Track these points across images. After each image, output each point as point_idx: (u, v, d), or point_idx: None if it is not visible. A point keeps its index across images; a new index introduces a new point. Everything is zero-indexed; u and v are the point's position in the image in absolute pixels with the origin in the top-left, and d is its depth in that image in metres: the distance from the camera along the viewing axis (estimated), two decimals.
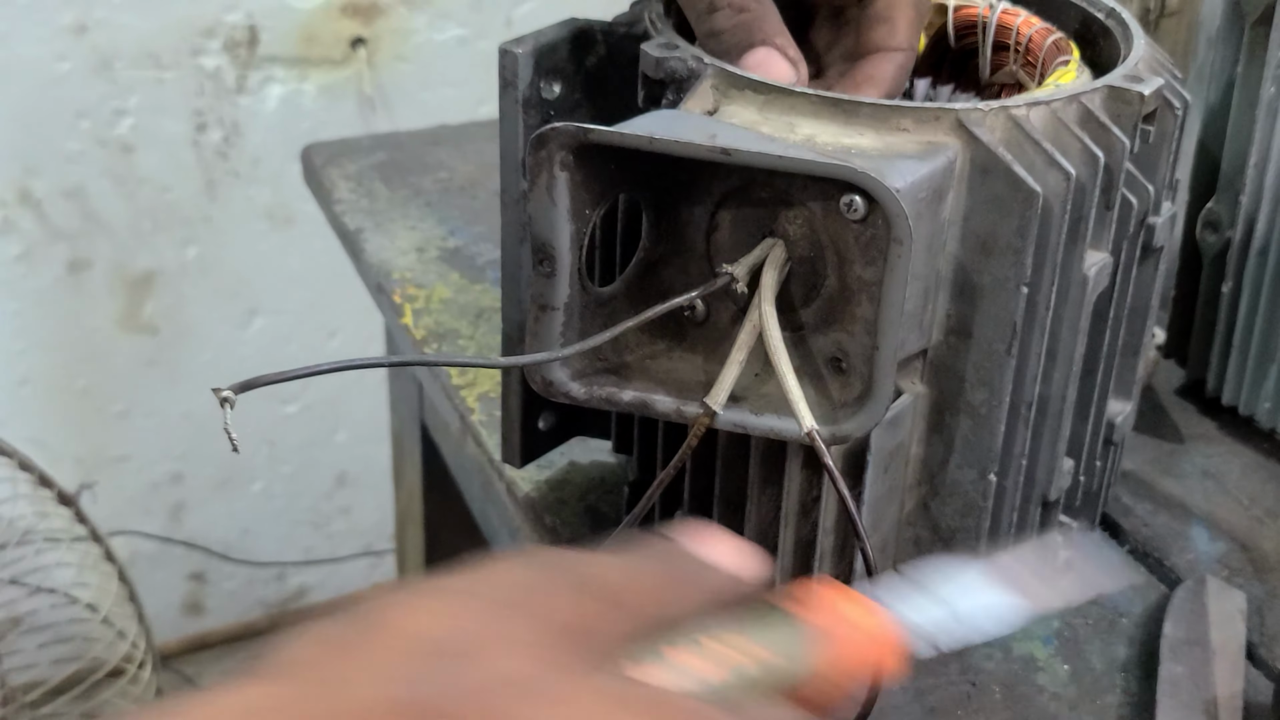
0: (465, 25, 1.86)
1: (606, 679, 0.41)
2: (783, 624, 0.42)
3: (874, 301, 0.63)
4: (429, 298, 1.02)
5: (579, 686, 0.40)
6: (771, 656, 0.41)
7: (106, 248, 1.78)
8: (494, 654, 0.40)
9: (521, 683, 0.40)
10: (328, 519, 2.09)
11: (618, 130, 0.61)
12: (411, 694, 0.39)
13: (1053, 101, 0.66)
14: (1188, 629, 0.75)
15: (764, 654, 0.41)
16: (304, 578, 2.12)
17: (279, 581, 2.10)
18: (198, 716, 0.38)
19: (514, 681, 0.40)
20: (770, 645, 0.42)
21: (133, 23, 1.70)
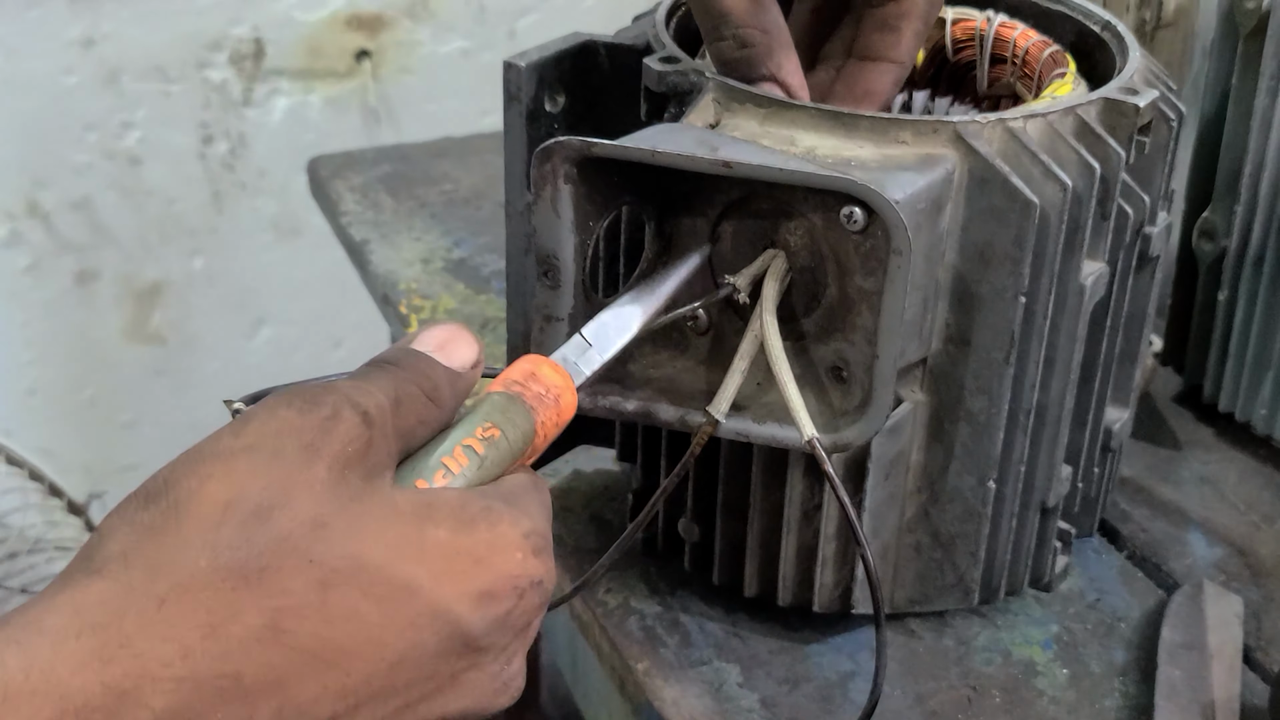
0: (469, 37, 1.87)
1: (387, 496, 0.47)
2: (510, 405, 0.53)
3: (874, 311, 0.63)
4: (435, 308, 1.03)
5: (368, 510, 0.47)
6: (507, 434, 0.52)
7: (114, 259, 1.79)
8: (292, 503, 0.45)
9: (320, 522, 0.45)
10: None
11: (621, 144, 0.61)
12: (229, 560, 0.44)
13: (1049, 113, 0.67)
14: (1185, 633, 0.75)
15: (501, 434, 0.52)
16: None
17: None
18: (39, 627, 0.42)
19: (314, 523, 0.45)
20: (505, 425, 0.52)
21: (140, 36, 1.71)
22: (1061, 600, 0.79)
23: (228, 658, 0.43)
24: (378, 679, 0.46)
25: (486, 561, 0.48)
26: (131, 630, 0.43)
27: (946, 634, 0.77)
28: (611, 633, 0.76)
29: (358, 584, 0.45)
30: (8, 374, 1.78)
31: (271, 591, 0.44)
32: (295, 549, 0.45)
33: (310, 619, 0.44)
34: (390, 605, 0.46)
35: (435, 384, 0.52)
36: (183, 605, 0.43)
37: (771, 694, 0.73)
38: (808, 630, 0.76)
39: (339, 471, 0.47)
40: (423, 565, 0.46)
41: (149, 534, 0.45)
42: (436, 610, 0.46)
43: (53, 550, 1.36)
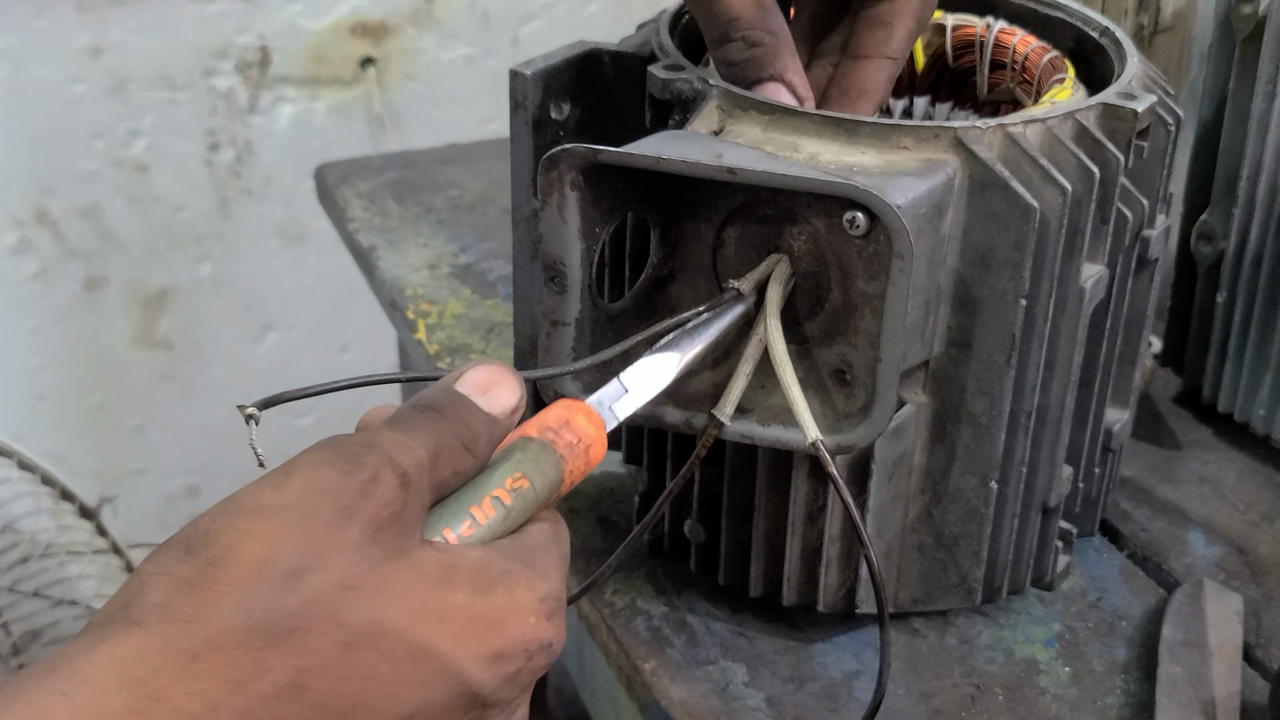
0: (473, 44, 1.87)
1: (415, 559, 0.48)
2: (541, 454, 0.53)
3: (877, 314, 0.64)
4: (442, 313, 1.03)
5: (395, 573, 0.48)
6: (535, 484, 0.52)
7: (122, 265, 1.79)
8: (324, 565, 0.46)
9: (350, 585, 0.47)
10: None
11: (626, 150, 0.62)
12: (261, 619, 0.45)
13: (1048, 119, 0.67)
14: (1186, 631, 0.76)
15: (529, 485, 0.52)
16: None
17: None
18: (82, 678, 0.43)
19: (344, 585, 0.47)
20: (534, 475, 0.52)
21: (146, 45, 1.71)
22: (1063, 599, 0.80)
23: (250, 713, 0.45)
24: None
25: (501, 627, 0.49)
26: (166, 684, 0.44)
27: (950, 633, 0.77)
28: (619, 633, 0.76)
29: (379, 647, 0.47)
30: (18, 380, 1.79)
31: (298, 651, 0.46)
32: (324, 611, 0.46)
33: (331, 678, 0.46)
34: (407, 667, 0.47)
35: (474, 434, 0.52)
36: (214, 662, 0.45)
37: (777, 693, 0.73)
38: (813, 630, 0.77)
39: (372, 534, 0.48)
40: (441, 629, 0.48)
41: (186, 588, 0.46)
42: (450, 671, 0.48)
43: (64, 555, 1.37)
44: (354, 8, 1.80)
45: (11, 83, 1.65)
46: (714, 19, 0.69)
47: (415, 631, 0.47)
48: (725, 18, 0.68)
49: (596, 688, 0.89)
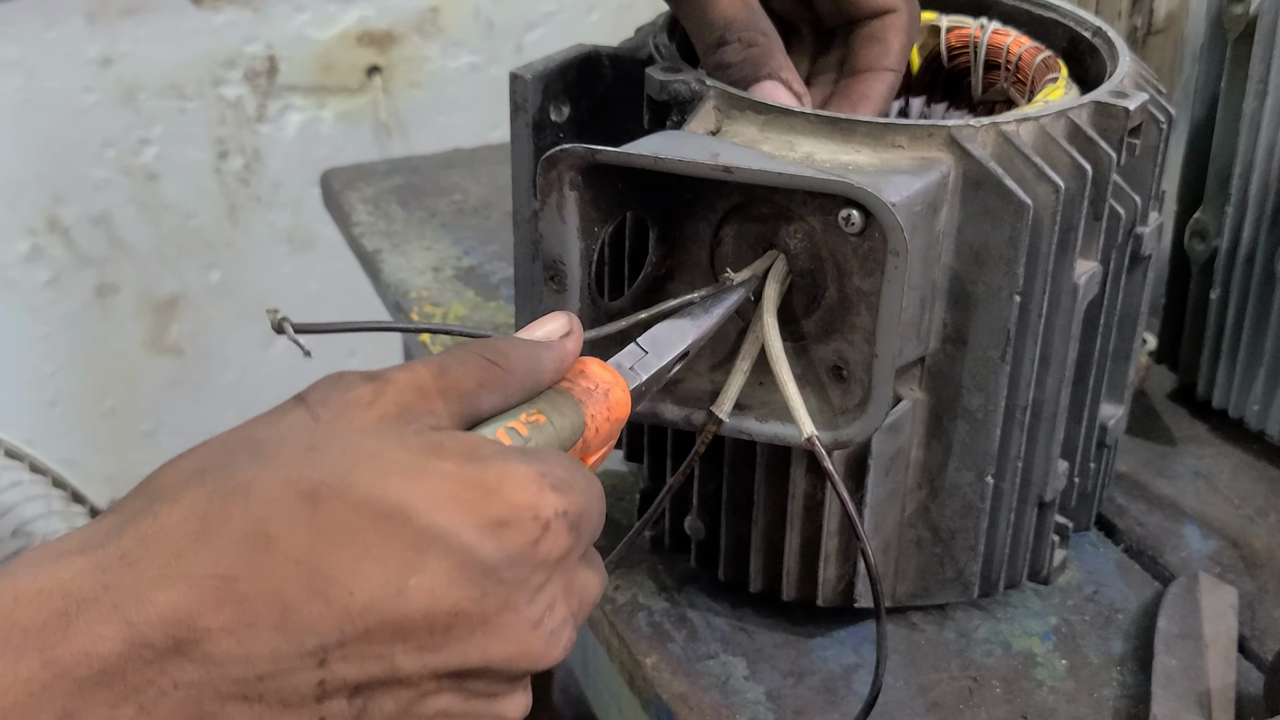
0: (477, 52, 1.87)
1: (400, 432, 0.48)
2: (555, 395, 0.53)
3: (872, 311, 0.64)
4: (445, 315, 1.03)
5: (368, 440, 0.47)
6: (553, 421, 0.52)
7: (133, 272, 1.80)
8: (288, 436, 0.47)
9: (313, 446, 0.46)
10: None
11: (624, 151, 0.62)
12: (216, 477, 0.45)
13: (1042, 117, 0.67)
14: (1181, 624, 0.76)
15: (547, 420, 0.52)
16: None
17: None
18: (49, 549, 0.44)
19: (307, 447, 0.46)
20: (550, 413, 0.52)
21: (156, 55, 1.71)
22: (1060, 593, 0.80)
23: (218, 560, 0.43)
24: (387, 606, 0.45)
25: (498, 492, 0.46)
26: (129, 544, 0.44)
27: (947, 626, 0.77)
28: (620, 628, 0.76)
29: (347, 501, 0.45)
30: (30, 386, 1.79)
31: (258, 501, 0.44)
32: (283, 465, 0.46)
33: (300, 530, 0.44)
34: (385, 526, 0.45)
35: (499, 350, 0.52)
36: (173, 517, 0.44)
37: (777, 686, 0.73)
38: (812, 624, 0.76)
39: (363, 426, 0.48)
40: (418, 488, 0.45)
41: (156, 472, 0.47)
42: (437, 536, 0.45)
43: None
44: (360, 17, 1.80)
45: (23, 92, 1.65)
46: (709, 24, 0.69)
47: (385, 488, 0.45)
48: (720, 22, 0.69)
49: (600, 683, 0.89)
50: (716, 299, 0.63)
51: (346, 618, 0.44)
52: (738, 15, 0.69)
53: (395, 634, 0.45)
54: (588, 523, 0.49)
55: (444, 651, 0.46)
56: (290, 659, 0.44)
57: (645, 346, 0.59)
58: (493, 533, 0.46)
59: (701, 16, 0.69)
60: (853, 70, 0.72)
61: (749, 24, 0.69)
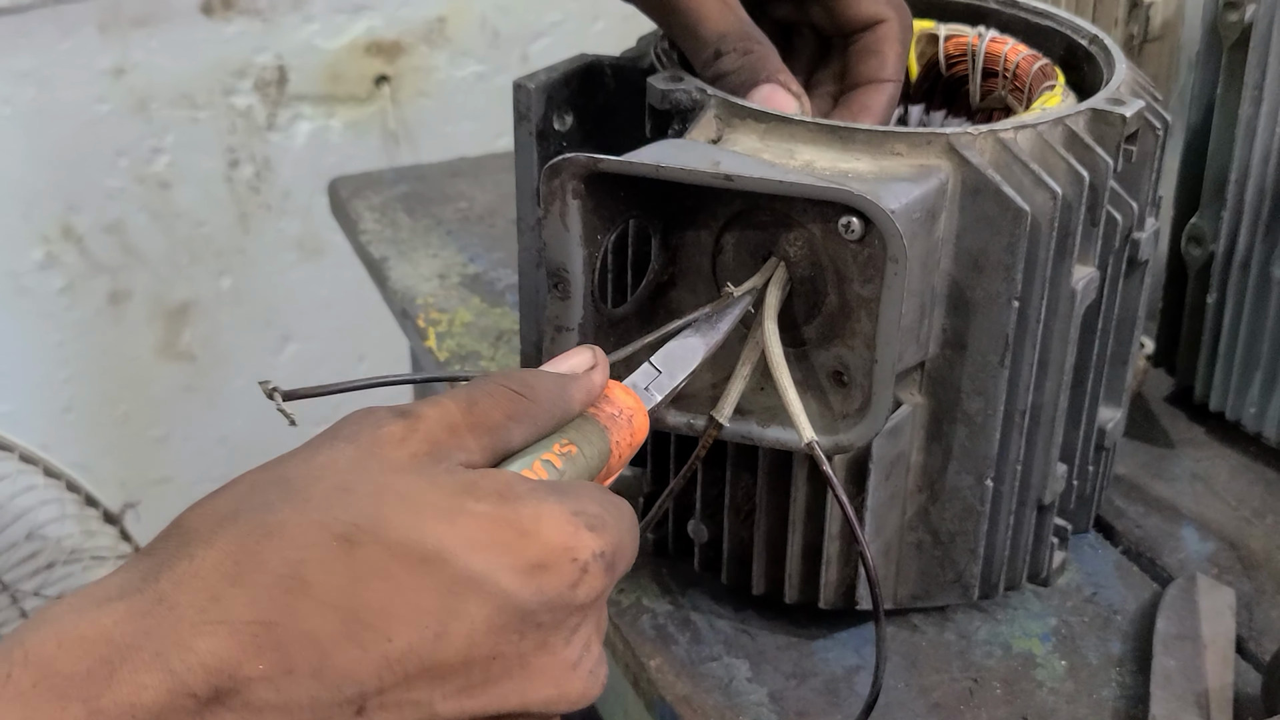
0: (483, 62, 1.87)
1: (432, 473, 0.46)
2: (584, 424, 0.53)
3: (872, 317, 0.63)
4: (451, 321, 1.03)
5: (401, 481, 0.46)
6: (584, 451, 0.52)
7: (145, 280, 1.79)
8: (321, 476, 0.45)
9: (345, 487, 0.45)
10: None
11: (626, 159, 0.62)
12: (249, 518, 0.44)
13: (1039, 124, 0.67)
14: (1180, 625, 0.75)
15: (579, 451, 0.52)
16: None
17: None
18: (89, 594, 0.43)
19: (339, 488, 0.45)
20: (581, 443, 0.52)
21: (168, 65, 1.71)
22: (1059, 594, 0.79)
23: (255, 605, 0.42)
24: (425, 651, 0.43)
25: (534, 534, 0.45)
26: (166, 588, 0.43)
27: (948, 628, 0.77)
28: (625, 631, 0.76)
29: (382, 544, 0.44)
30: (45, 392, 1.79)
31: (292, 543, 0.43)
32: (315, 507, 0.44)
33: (335, 574, 0.43)
34: (421, 569, 0.44)
35: (526, 382, 0.51)
36: (208, 560, 0.43)
37: (779, 688, 0.73)
38: (814, 627, 0.76)
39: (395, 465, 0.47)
40: (454, 532, 0.44)
41: (187, 513, 0.46)
42: (475, 580, 0.44)
43: (89, 559, 1.37)
44: (368, 27, 1.80)
45: (38, 102, 1.65)
46: (703, 39, 0.70)
47: (421, 530, 0.44)
48: (714, 36, 0.69)
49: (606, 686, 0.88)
50: (721, 312, 0.63)
51: (385, 664, 0.43)
52: (730, 27, 0.69)
53: (433, 680, 0.44)
54: (622, 558, 0.48)
55: (482, 697, 0.45)
56: (328, 707, 0.43)
57: (659, 366, 0.60)
58: (531, 577, 0.45)
59: (695, 33, 0.70)
60: (852, 83, 0.72)
61: (742, 34, 0.69)
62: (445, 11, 1.83)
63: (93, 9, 1.66)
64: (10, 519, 1.33)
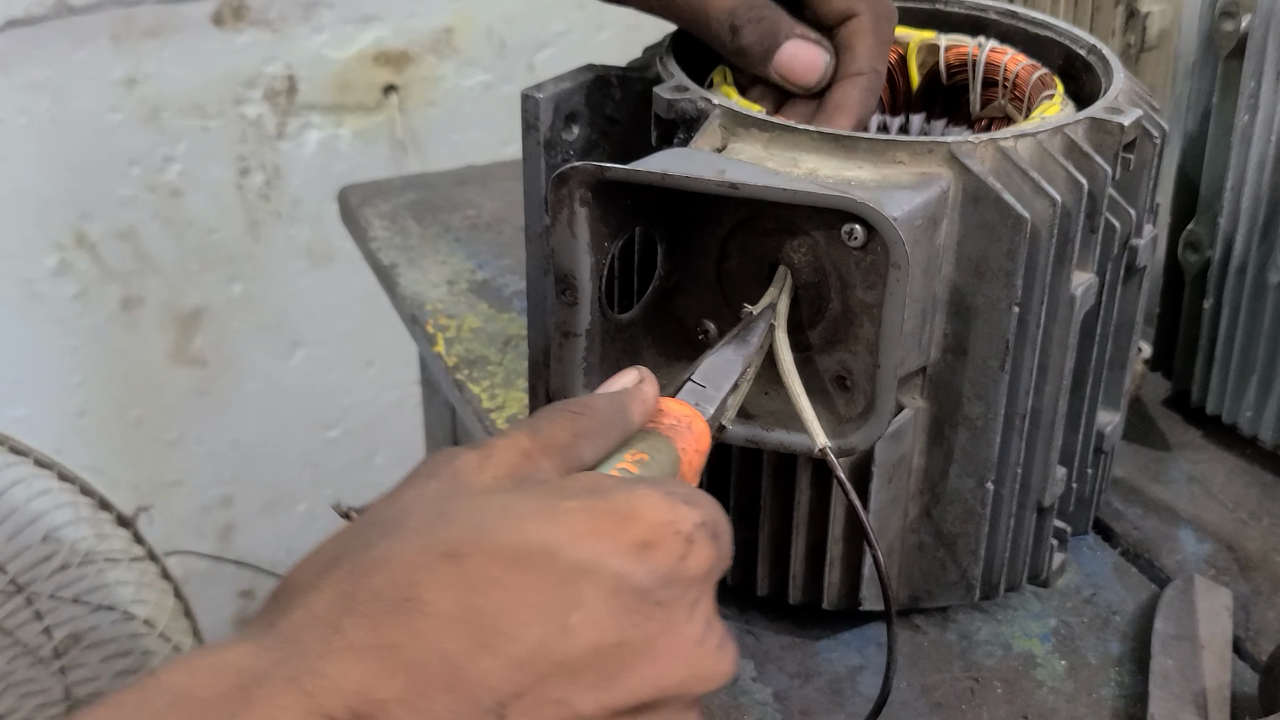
0: (490, 71, 1.87)
1: (521, 487, 0.47)
2: (649, 436, 0.54)
3: (875, 323, 0.63)
4: (460, 327, 1.03)
5: (496, 497, 0.46)
6: (656, 459, 0.53)
7: (157, 286, 1.80)
8: (415, 509, 0.46)
9: (440, 512, 0.45)
10: None
11: (633, 168, 0.62)
12: (355, 556, 0.44)
13: (1038, 133, 0.67)
14: (1177, 625, 0.75)
15: (651, 459, 0.53)
16: None
17: None
18: (215, 646, 0.43)
19: (436, 514, 0.45)
20: (651, 452, 0.53)
21: (179, 76, 1.72)
22: (1059, 595, 0.79)
23: (377, 629, 0.42)
24: (552, 647, 0.43)
25: (632, 516, 0.45)
26: (286, 630, 0.43)
27: (949, 629, 0.77)
28: None
29: (490, 552, 0.43)
30: (59, 396, 1.79)
31: (401, 569, 0.43)
32: (415, 534, 0.44)
33: (450, 589, 0.42)
34: (532, 568, 0.43)
35: (582, 402, 0.52)
36: (321, 602, 0.43)
37: (784, 688, 0.73)
38: (817, 627, 0.76)
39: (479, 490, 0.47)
40: (556, 527, 0.44)
41: (284, 579, 0.46)
42: (586, 568, 0.43)
43: (102, 562, 1.37)
44: (376, 37, 1.80)
45: (51, 112, 1.66)
46: (715, 20, 0.70)
47: (524, 532, 0.44)
48: (724, 13, 0.69)
49: None
50: (749, 327, 0.63)
51: (516, 667, 0.42)
52: (736, 2, 0.69)
53: (567, 676, 0.43)
54: (723, 529, 0.48)
55: (618, 688, 0.44)
56: (470, 719, 0.42)
57: (701, 382, 0.60)
58: (640, 556, 0.44)
59: (705, 18, 0.70)
60: (830, 81, 0.72)
61: (749, 4, 0.69)
62: (452, 22, 1.83)
63: (106, 20, 1.66)
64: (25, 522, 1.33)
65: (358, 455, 2.01)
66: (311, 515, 2.03)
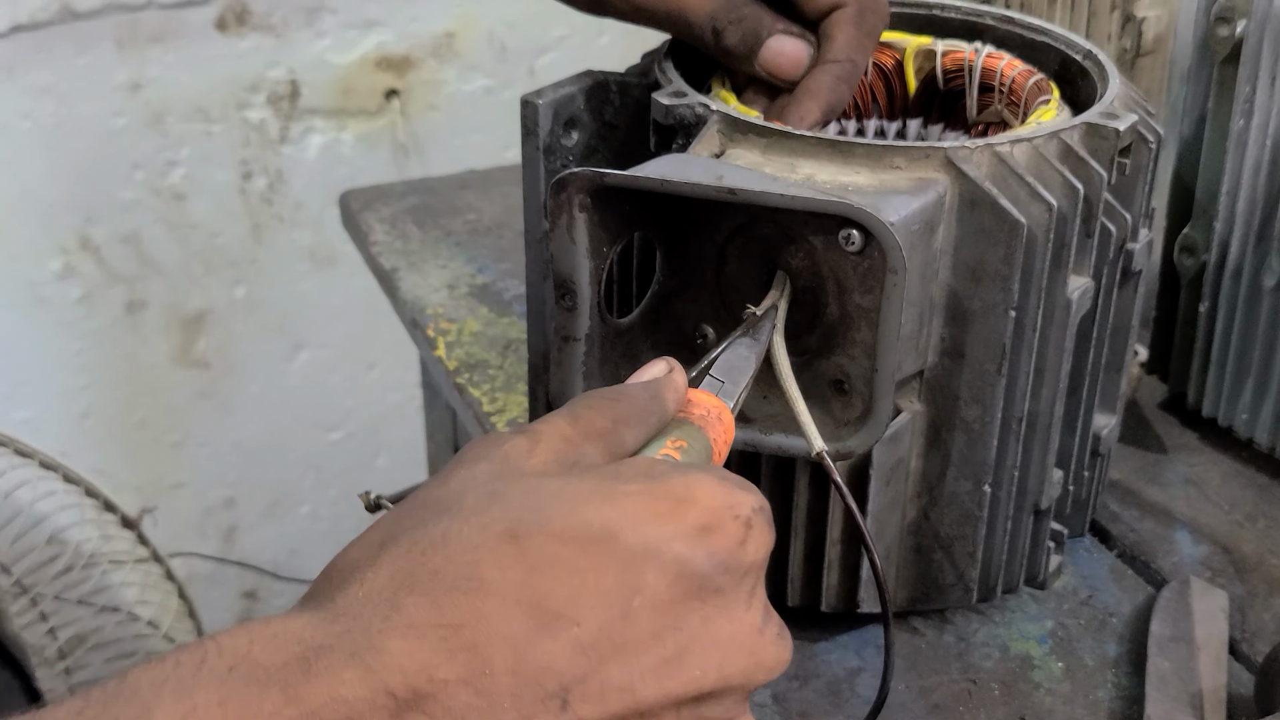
0: (491, 76, 1.87)
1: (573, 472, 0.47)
2: (683, 425, 0.54)
3: (872, 327, 0.63)
4: (460, 331, 1.03)
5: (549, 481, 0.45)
6: (693, 446, 0.53)
7: (161, 289, 1.80)
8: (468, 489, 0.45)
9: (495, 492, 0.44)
10: None
11: (632, 173, 0.62)
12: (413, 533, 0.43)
13: (1035, 138, 0.67)
14: (1174, 627, 0.75)
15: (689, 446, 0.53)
16: None
17: None
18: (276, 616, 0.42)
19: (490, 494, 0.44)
20: (689, 439, 0.53)
21: (183, 80, 1.72)
22: (1056, 597, 0.79)
23: (438, 610, 0.41)
24: (615, 631, 0.42)
25: (691, 500, 0.44)
26: (344, 605, 0.42)
27: (947, 631, 0.77)
28: None
29: (550, 533, 0.42)
30: (63, 399, 1.79)
31: (460, 548, 0.42)
32: (472, 513, 0.43)
33: (511, 569, 0.42)
34: (594, 550, 0.42)
35: (617, 390, 0.52)
36: (379, 580, 0.42)
37: (782, 690, 0.73)
38: (816, 629, 0.76)
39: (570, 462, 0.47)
40: (616, 510, 0.43)
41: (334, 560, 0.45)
42: (648, 551, 0.43)
43: (107, 563, 1.37)
44: (379, 42, 1.80)
45: (56, 117, 1.66)
46: (697, 25, 0.70)
47: (585, 514, 0.43)
48: (705, 17, 0.70)
49: None
50: (756, 327, 0.63)
51: (579, 650, 0.42)
52: (715, 4, 0.70)
53: (629, 660, 0.42)
54: (771, 517, 0.48)
55: (680, 674, 0.43)
56: (532, 704, 0.41)
57: (720, 376, 0.60)
58: (701, 540, 0.44)
59: (687, 24, 0.70)
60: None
61: (728, 6, 0.70)
62: (454, 27, 1.83)
63: (110, 25, 1.66)
64: (31, 524, 1.33)
65: (360, 457, 2.01)
66: (314, 517, 2.03)
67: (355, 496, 1.70)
